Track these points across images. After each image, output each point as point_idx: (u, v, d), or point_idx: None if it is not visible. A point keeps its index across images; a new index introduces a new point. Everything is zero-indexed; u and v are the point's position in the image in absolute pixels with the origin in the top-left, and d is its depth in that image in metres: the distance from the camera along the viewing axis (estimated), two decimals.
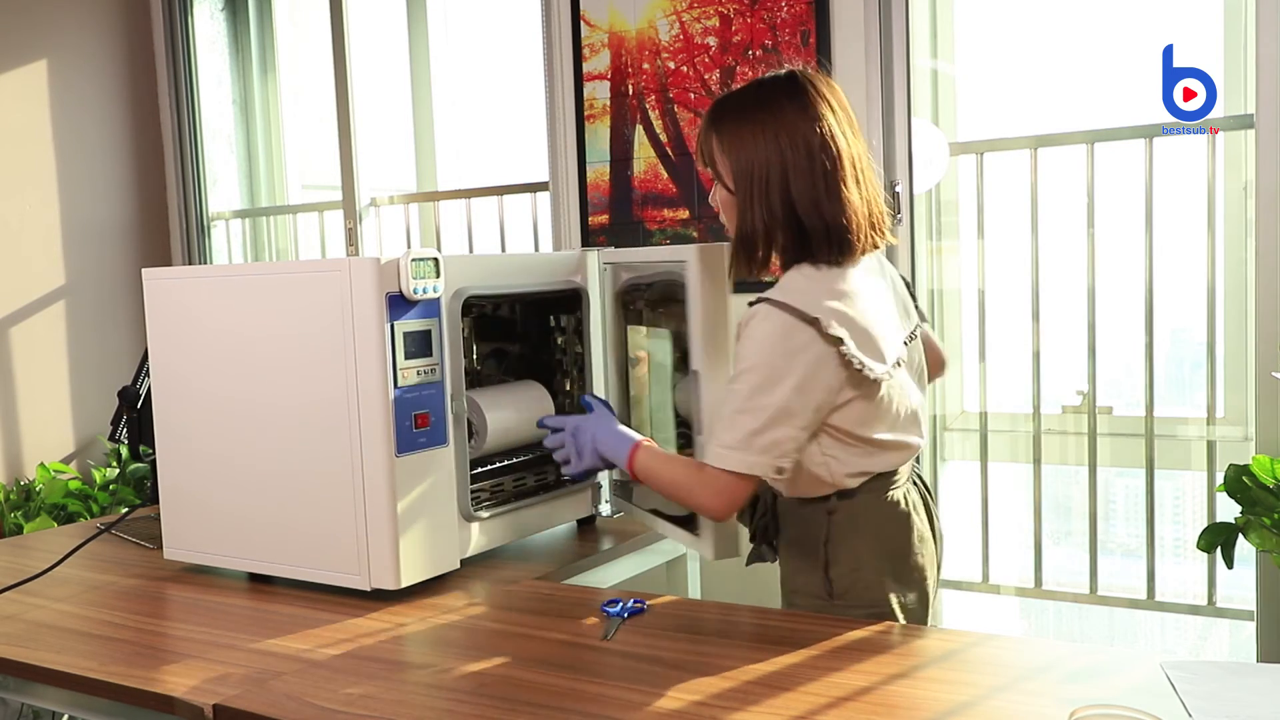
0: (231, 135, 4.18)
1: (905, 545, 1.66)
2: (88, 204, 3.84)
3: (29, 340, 3.67)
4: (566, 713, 1.33)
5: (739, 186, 1.59)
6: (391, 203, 3.78)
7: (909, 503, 1.67)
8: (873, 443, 1.60)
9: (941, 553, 1.76)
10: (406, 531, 1.78)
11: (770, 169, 1.56)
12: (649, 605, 1.70)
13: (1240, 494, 2.18)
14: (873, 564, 1.64)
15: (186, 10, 4.04)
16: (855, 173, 1.59)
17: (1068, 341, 2.73)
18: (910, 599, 1.66)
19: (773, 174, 1.56)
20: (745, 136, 1.58)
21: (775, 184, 1.56)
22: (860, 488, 1.63)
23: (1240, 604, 2.59)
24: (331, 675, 1.49)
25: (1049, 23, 2.89)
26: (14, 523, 3.29)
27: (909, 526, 1.66)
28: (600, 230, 3.13)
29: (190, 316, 1.99)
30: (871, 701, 1.32)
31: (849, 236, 1.57)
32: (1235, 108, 2.55)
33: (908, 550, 1.66)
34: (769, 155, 1.56)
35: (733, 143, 1.59)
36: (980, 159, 2.77)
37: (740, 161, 1.58)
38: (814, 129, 1.56)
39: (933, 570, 1.71)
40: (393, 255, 1.75)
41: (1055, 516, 2.89)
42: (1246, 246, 2.56)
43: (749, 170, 1.57)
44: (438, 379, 1.83)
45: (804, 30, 2.77)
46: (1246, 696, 1.27)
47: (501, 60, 3.78)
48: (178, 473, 2.03)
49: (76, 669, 1.57)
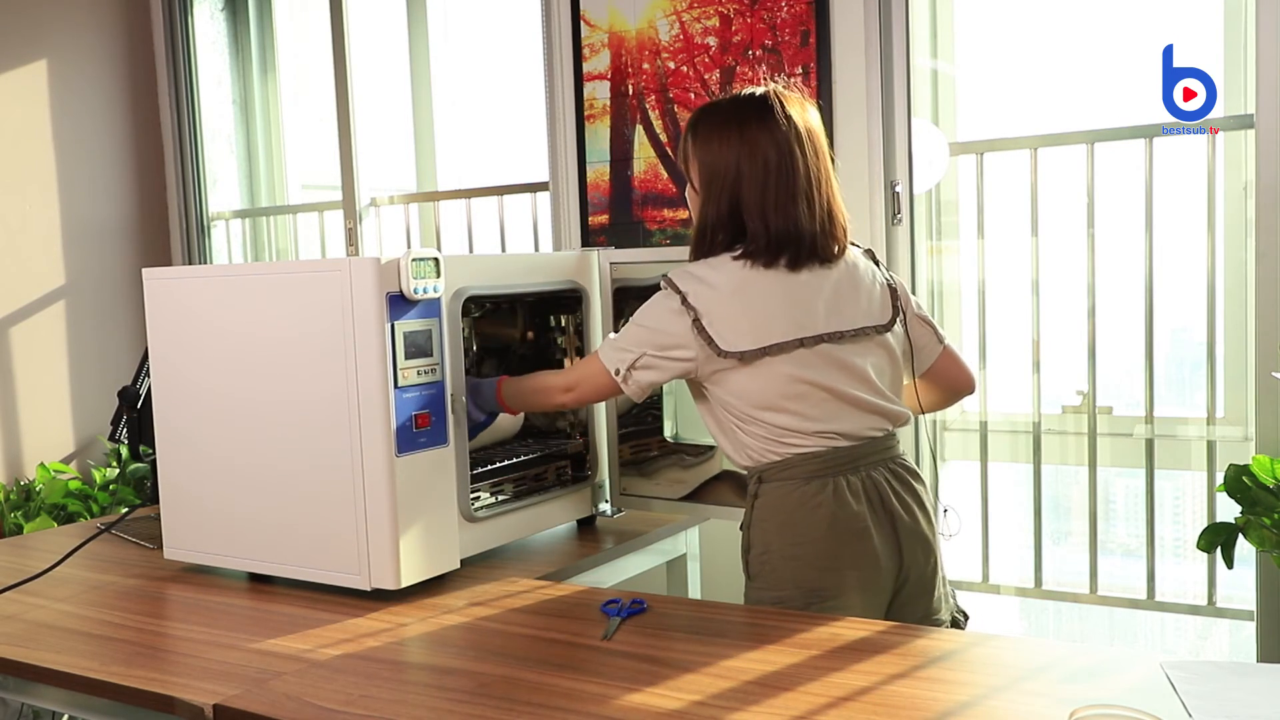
0: (231, 135, 4.18)
1: (818, 535, 1.71)
2: (88, 204, 3.84)
3: (29, 340, 3.67)
4: (566, 713, 1.33)
5: (702, 185, 1.81)
6: (391, 203, 3.77)
7: (838, 492, 1.72)
8: (767, 424, 1.74)
9: (923, 553, 1.78)
10: (406, 531, 1.78)
11: (727, 176, 1.77)
12: (649, 605, 1.70)
13: (1240, 494, 2.18)
14: (779, 550, 1.73)
15: (186, 10, 4.03)
16: (809, 190, 1.76)
17: (1068, 341, 2.73)
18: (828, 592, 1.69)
19: (728, 180, 1.77)
20: (714, 143, 1.79)
21: (728, 188, 1.77)
22: (774, 473, 1.75)
23: (1240, 604, 2.59)
24: (331, 675, 1.49)
25: (1049, 23, 2.89)
26: (14, 523, 3.29)
27: (824, 517, 1.71)
28: (600, 230, 3.13)
29: (190, 316, 1.99)
30: (871, 701, 1.32)
31: (787, 246, 1.75)
32: (1235, 108, 2.54)
33: (822, 541, 1.71)
34: (728, 163, 1.77)
35: (703, 147, 1.80)
36: (980, 159, 2.77)
37: (705, 165, 1.80)
38: (774, 147, 1.75)
39: (874, 568, 1.73)
40: (393, 255, 1.75)
41: (1055, 516, 2.89)
42: (1246, 246, 2.56)
43: (711, 173, 1.79)
44: (438, 379, 1.83)
45: (804, 30, 2.77)
46: (1246, 696, 1.27)
47: (501, 60, 3.78)
48: (178, 473, 2.03)
49: (76, 669, 1.57)
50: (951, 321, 2.91)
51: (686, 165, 1.85)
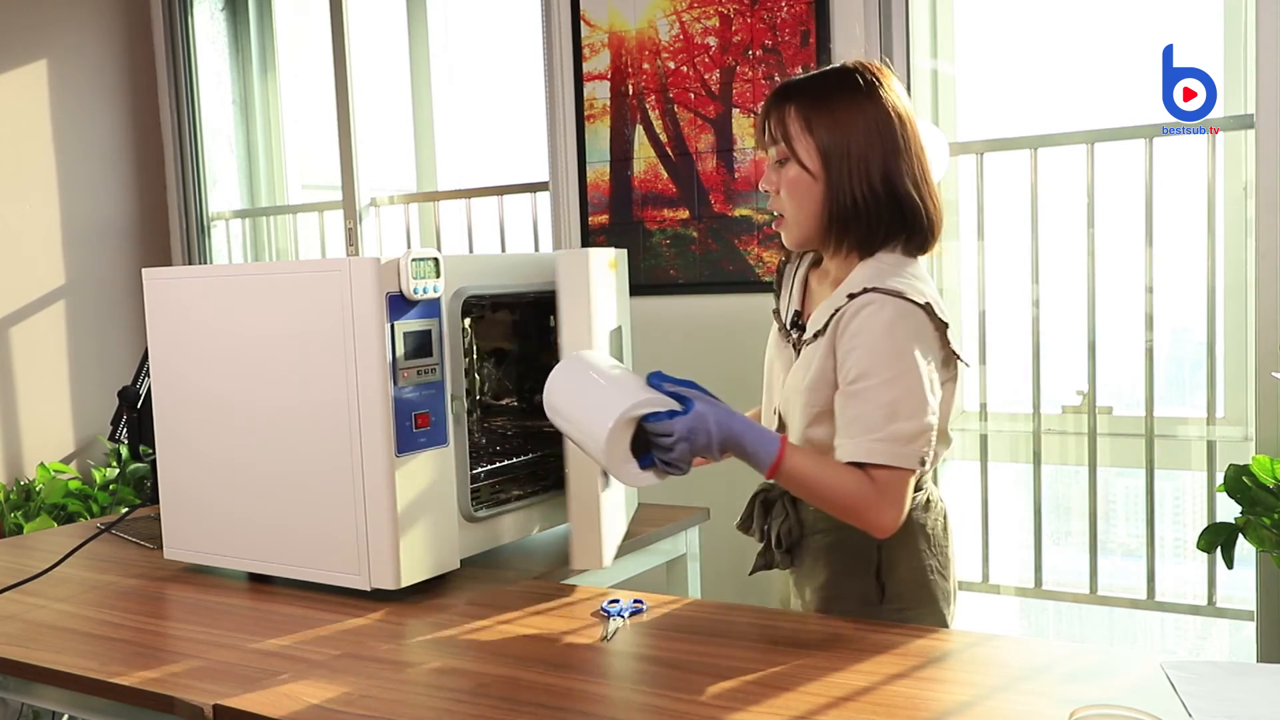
0: (231, 135, 4.18)
1: (945, 538, 1.68)
2: (88, 204, 3.84)
3: (29, 340, 3.67)
4: (566, 713, 1.33)
5: (831, 164, 1.54)
6: (391, 203, 3.77)
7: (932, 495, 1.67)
8: (947, 437, 1.60)
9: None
10: (406, 531, 1.78)
11: (869, 147, 1.53)
12: (649, 605, 1.70)
13: (1240, 494, 2.18)
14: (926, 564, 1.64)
15: (186, 10, 4.04)
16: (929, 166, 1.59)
17: (1068, 341, 2.73)
18: (950, 593, 1.67)
19: (872, 152, 1.53)
20: (839, 113, 1.54)
21: (875, 162, 1.53)
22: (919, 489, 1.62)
23: (1240, 604, 2.59)
24: (331, 675, 1.49)
25: (1049, 23, 2.89)
26: (14, 523, 3.29)
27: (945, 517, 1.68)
28: (600, 230, 3.13)
29: (190, 316, 1.99)
30: (871, 701, 1.32)
31: (936, 224, 1.59)
32: (1235, 108, 2.54)
33: (946, 542, 1.67)
34: (866, 133, 1.53)
35: (823, 119, 1.55)
36: (980, 159, 2.77)
37: (834, 138, 1.54)
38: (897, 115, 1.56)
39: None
40: (393, 255, 1.75)
41: (1055, 516, 2.89)
42: (1246, 246, 2.56)
43: (844, 148, 1.53)
44: (438, 379, 1.83)
45: (804, 30, 2.77)
46: (1246, 696, 1.27)
47: (501, 60, 3.78)
48: (178, 473, 2.03)
49: (76, 669, 1.57)
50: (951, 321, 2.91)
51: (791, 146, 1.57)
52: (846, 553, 1.64)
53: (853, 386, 1.50)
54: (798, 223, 1.61)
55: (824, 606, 1.67)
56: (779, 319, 1.74)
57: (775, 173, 1.61)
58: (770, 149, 1.61)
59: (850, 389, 1.50)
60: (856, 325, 1.50)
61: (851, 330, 1.51)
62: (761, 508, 1.74)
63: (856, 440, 1.48)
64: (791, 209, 1.60)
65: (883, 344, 1.49)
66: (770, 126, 1.60)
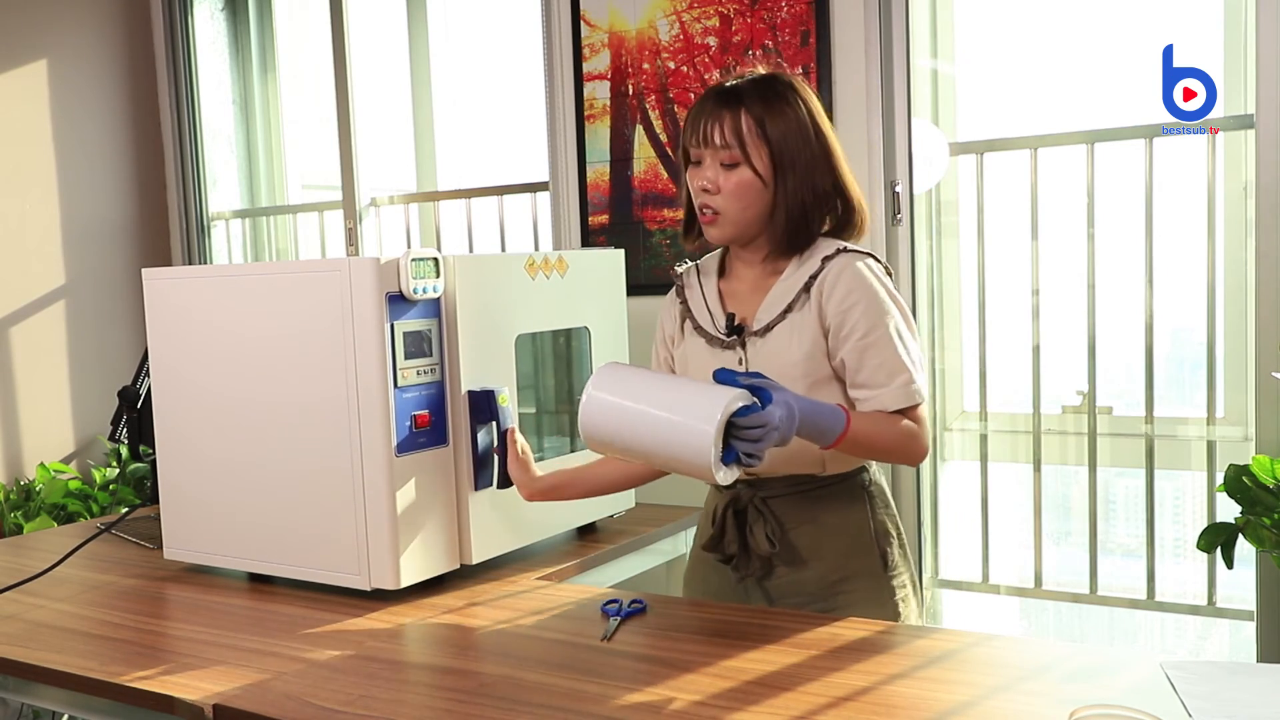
0: (231, 135, 4.18)
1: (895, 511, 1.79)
2: (88, 204, 3.84)
3: (29, 340, 3.67)
4: (566, 713, 1.33)
5: (783, 164, 1.63)
6: (391, 203, 3.77)
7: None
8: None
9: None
10: (406, 531, 1.78)
11: (811, 152, 1.65)
12: (649, 605, 1.70)
13: (1240, 494, 2.18)
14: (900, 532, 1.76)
15: (186, 10, 4.03)
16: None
17: (1068, 341, 2.73)
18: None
19: (815, 156, 1.65)
20: (789, 119, 1.64)
21: (820, 166, 1.66)
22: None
23: (1240, 604, 2.58)
24: (331, 675, 1.49)
25: (1049, 23, 2.89)
26: (14, 523, 3.29)
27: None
28: (600, 230, 3.13)
29: (190, 316, 1.99)
30: (871, 701, 1.32)
31: (864, 217, 1.72)
32: (1235, 108, 2.54)
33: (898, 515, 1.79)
34: (807, 139, 1.65)
35: (775, 125, 1.63)
36: (980, 159, 2.77)
37: (784, 144, 1.63)
38: (824, 119, 1.69)
39: None
40: (393, 255, 1.75)
41: (1055, 516, 2.89)
42: (1246, 246, 2.56)
43: (794, 153, 1.64)
44: (438, 379, 1.83)
45: (804, 30, 2.77)
46: (1246, 696, 1.27)
47: (501, 60, 3.78)
48: (178, 473, 2.03)
49: (76, 669, 1.57)
50: (952, 321, 2.91)
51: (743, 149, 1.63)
52: (844, 531, 1.70)
53: (866, 340, 1.62)
54: (736, 222, 1.67)
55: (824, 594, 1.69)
56: (704, 332, 1.74)
57: (718, 174, 1.65)
58: (716, 151, 1.65)
59: (864, 342, 1.62)
60: (845, 283, 1.63)
61: (841, 289, 1.63)
62: (735, 519, 1.73)
63: (891, 388, 1.61)
64: (735, 209, 1.66)
65: (877, 295, 1.63)
66: (721, 130, 1.64)
